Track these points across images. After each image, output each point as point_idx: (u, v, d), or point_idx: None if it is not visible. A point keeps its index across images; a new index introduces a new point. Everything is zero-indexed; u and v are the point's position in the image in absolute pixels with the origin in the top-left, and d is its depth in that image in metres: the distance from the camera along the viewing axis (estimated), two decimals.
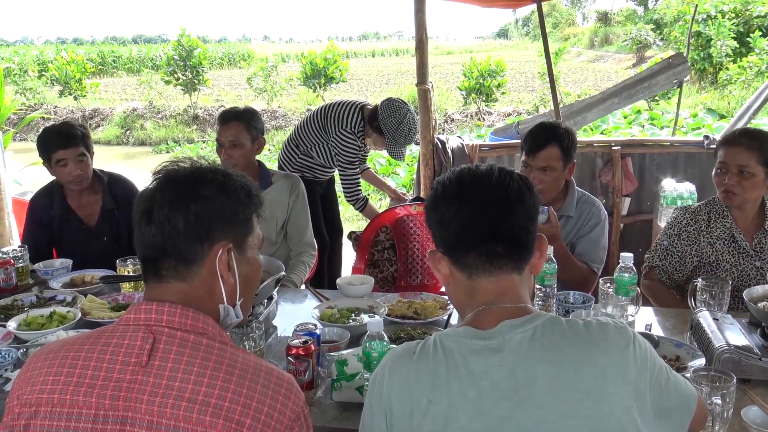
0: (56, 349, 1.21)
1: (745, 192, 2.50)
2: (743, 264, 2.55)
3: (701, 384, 1.60)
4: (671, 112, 11.00)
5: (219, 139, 3.05)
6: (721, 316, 2.08)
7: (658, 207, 4.39)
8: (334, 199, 4.51)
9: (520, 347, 1.21)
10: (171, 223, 1.23)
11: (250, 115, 3.07)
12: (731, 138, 2.57)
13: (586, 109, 5.31)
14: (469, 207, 1.29)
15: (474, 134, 10.56)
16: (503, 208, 1.29)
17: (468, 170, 1.35)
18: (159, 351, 1.16)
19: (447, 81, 18.30)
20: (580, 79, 20.59)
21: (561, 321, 1.24)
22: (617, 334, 1.23)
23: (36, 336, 2.22)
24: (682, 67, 5.20)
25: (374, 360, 1.68)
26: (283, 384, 1.17)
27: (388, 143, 3.92)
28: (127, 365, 1.15)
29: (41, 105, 18.28)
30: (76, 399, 1.14)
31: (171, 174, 1.29)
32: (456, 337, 1.25)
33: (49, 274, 2.87)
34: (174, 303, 1.22)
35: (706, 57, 14.81)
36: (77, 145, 2.97)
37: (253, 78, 17.49)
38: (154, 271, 1.26)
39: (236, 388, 1.13)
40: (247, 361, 1.18)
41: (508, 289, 1.29)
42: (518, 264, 1.30)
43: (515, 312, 1.26)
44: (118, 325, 1.22)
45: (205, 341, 1.19)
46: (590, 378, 1.16)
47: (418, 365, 1.24)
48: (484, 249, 1.28)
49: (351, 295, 2.54)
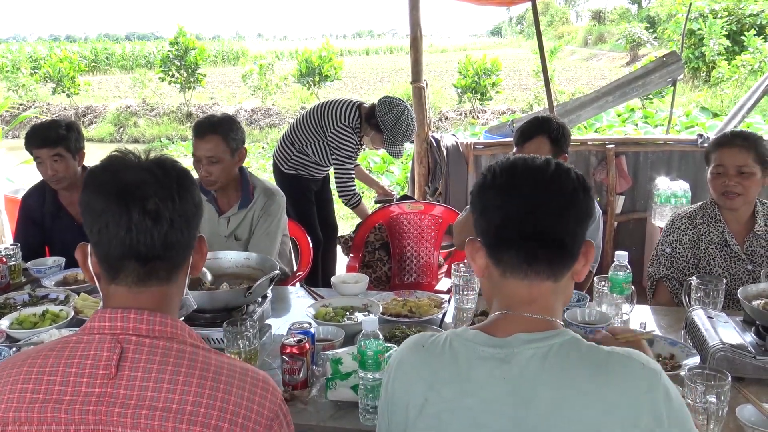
0: (20, 363, 1.13)
1: (747, 191, 2.50)
2: (735, 268, 2.56)
3: (696, 382, 1.60)
4: (665, 111, 11.02)
5: (196, 155, 2.80)
6: (716, 314, 2.09)
7: (652, 205, 4.40)
8: (329, 197, 4.48)
9: (528, 364, 1.14)
10: (183, 217, 1.17)
11: (228, 126, 2.81)
12: (725, 140, 2.56)
13: (581, 108, 5.32)
14: (515, 202, 1.20)
15: (468, 132, 10.56)
16: (552, 208, 1.19)
17: (523, 161, 1.25)
18: (127, 361, 1.10)
19: (441, 79, 18.29)
20: (574, 77, 20.61)
21: (581, 344, 1.16)
22: (641, 373, 1.11)
23: (29, 335, 2.20)
24: (676, 66, 5.21)
25: (369, 359, 1.67)
26: (258, 383, 1.14)
27: (386, 141, 3.88)
28: (95, 378, 1.09)
29: (34, 102, 18.19)
30: (44, 416, 1.08)
31: (158, 164, 1.19)
32: (466, 339, 1.21)
33: (42, 273, 2.85)
34: (140, 309, 1.15)
35: (700, 55, 14.84)
36: (52, 145, 2.94)
37: (248, 76, 17.46)
38: (144, 273, 1.17)
39: (211, 392, 1.09)
40: (221, 363, 1.15)
41: (538, 296, 1.21)
42: (557, 271, 1.21)
43: (535, 325, 1.19)
44: (82, 335, 1.15)
45: (176, 346, 1.14)
46: (595, 413, 1.09)
47: (422, 360, 1.22)
48: (523, 249, 1.20)
49: (345, 293, 2.54)
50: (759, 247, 2.56)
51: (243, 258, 2.51)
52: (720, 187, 2.52)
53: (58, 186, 3.05)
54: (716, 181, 2.53)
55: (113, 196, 1.14)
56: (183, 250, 1.20)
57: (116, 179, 1.16)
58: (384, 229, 3.73)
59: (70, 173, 3.02)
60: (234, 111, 15.89)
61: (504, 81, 15.90)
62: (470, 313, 2.39)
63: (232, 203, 2.92)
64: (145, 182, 1.15)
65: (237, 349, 1.96)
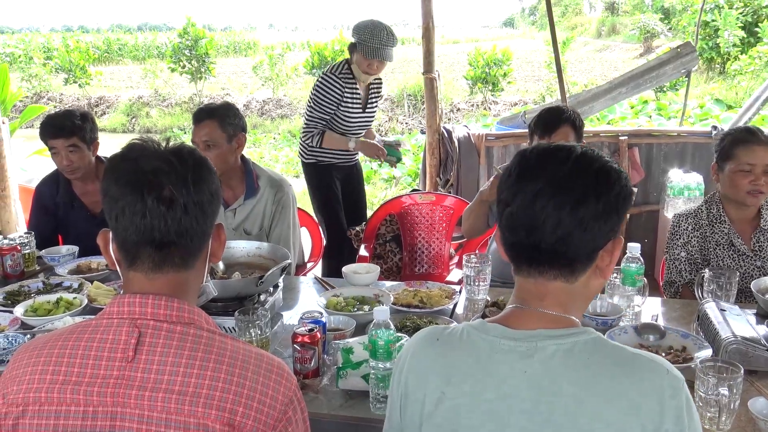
0: (40, 346, 1.17)
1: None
2: (744, 266, 2.54)
3: (708, 375, 1.60)
4: (678, 103, 10.93)
5: (193, 140, 2.81)
6: (728, 307, 2.07)
7: (664, 198, 4.37)
8: (358, 186, 4.32)
9: (552, 359, 1.12)
10: (198, 205, 1.19)
11: (224, 111, 2.81)
12: (752, 138, 2.49)
13: (593, 99, 5.29)
14: (520, 198, 1.15)
15: (480, 124, 10.51)
16: (557, 212, 1.12)
17: (540, 152, 1.19)
18: (145, 345, 1.13)
19: (453, 70, 18.20)
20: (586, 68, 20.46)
21: (606, 343, 1.14)
22: (666, 378, 1.09)
23: (43, 322, 2.22)
24: (690, 57, 5.16)
25: (380, 348, 1.68)
26: (273, 369, 1.16)
27: (361, 48, 3.78)
28: (113, 361, 1.12)
29: (47, 92, 18.30)
30: (63, 397, 1.11)
31: (175, 152, 1.21)
32: (485, 332, 1.18)
33: (56, 261, 2.88)
34: (158, 295, 1.17)
35: (714, 47, 14.70)
36: (67, 135, 2.95)
37: (259, 67, 17.47)
38: (158, 259, 1.19)
39: (227, 376, 1.11)
40: (237, 348, 1.17)
41: (547, 294, 1.17)
42: (566, 273, 1.16)
43: (554, 321, 1.16)
44: (101, 319, 1.18)
45: (193, 331, 1.16)
46: (617, 413, 1.07)
47: (439, 353, 1.21)
48: (525, 252, 1.18)
49: (356, 283, 2.54)
50: (766, 242, 2.54)
51: (255, 247, 2.52)
52: (747, 185, 2.46)
53: (72, 176, 3.07)
54: (743, 179, 2.47)
55: (130, 184, 1.16)
56: (198, 237, 1.21)
57: (134, 167, 1.18)
58: (395, 221, 3.73)
59: (84, 163, 3.03)
60: (245, 101, 15.92)
61: (516, 72, 15.82)
62: (481, 303, 2.39)
63: (237, 195, 2.91)
64: (161, 170, 1.17)
65: (249, 337, 1.97)
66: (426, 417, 1.19)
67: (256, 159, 9.88)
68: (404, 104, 14.07)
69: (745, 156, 2.47)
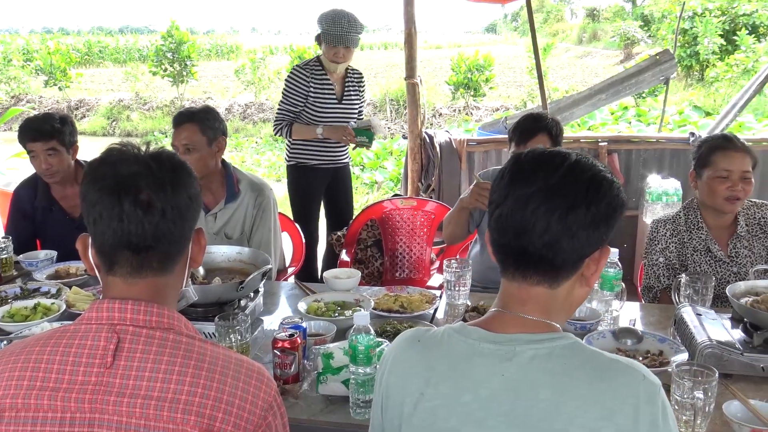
0: (17, 352, 1.16)
1: (746, 195, 2.51)
2: (721, 272, 2.58)
3: (684, 378, 1.62)
4: (658, 109, 11.05)
5: (173, 144, 2.81)
6: (704, 311, 2.10)
7: (643, 203, 4.42)
8: (344, 189, 4.24)
9: (530, 363, 1.12)
10: (175, 209, 1.19)
11: (204, 114, 2.81)
12: (729, 145, 2.53)
13: (574, 105, 5.34)
14: (511, 201, 1.15)
15: (462, 129, 10.56)
16: (546, 217, 1.12)
17: (535, 157, 1.19)
18: (124, 351, 1.12)
19: (436, 75, 18.27)
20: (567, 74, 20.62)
21: (584, 348, 1.14)
22: (642, 384, 1.09)
23: (20, 328, 2.20)
24: (669, 64, 5.23)
25: (360, 353, 1.68)
26: (253, 374, 1.16)
27: (324, 36, 3.80)
28: (91, 367, 1.11)
29: (26, 95, 18.10)
30: (40, 403, 1.10)
31: (153, 157, 1.21)
32: (465, 335, 1.19)
33: (34, 266, 2.85)
34: (138, 300, 1.17)
35: (693, 54, 14.89)
36: (46, 139, 2.93)
37: (241, 70, 17.41)
38: (136, 264, 1.19)
39: (206, 382, 1.11)
40: (216, 353, 1.17)
41: (529, 299, 1.17)
42: (550, 279, 1.17)
43: (533, 326, 1.16)
44: (80, 324, 1.17)
45: (172, 336, 1.16)
46: (592, 418, 1.07)
47: (419, 354, 1.21)
48: (512, 254, 1.18)
49: (337, 288, 2.54)
50: (742, 248, 2.58)
51: (235, 252, 2.52)
52: (724, 191, 2.49)
53: (51, 180, 3.04)
54: (720, 185, 2.50)
55: (107, 188, 1.17)
56: (177, 242, 1.22)
57: (112, 171, 1.19)
58: (377, 226, 3.73)
59: (63, 167, 3.01)
60: (228, 105, 15.86)
61: (498, 78, 15.92)
62: (462, 308, 2.40)
63: (218, 199, 2.90)
64: (139, 174, 1.18)
65: (229, 343, 1.96)
66: (405, 418, 1.19)
67: (238, 163, 9.86)
68: (387, 109, 14.10)
69: (723, 162, 2.50)
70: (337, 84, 3.96)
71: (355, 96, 4.07)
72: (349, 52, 3.83)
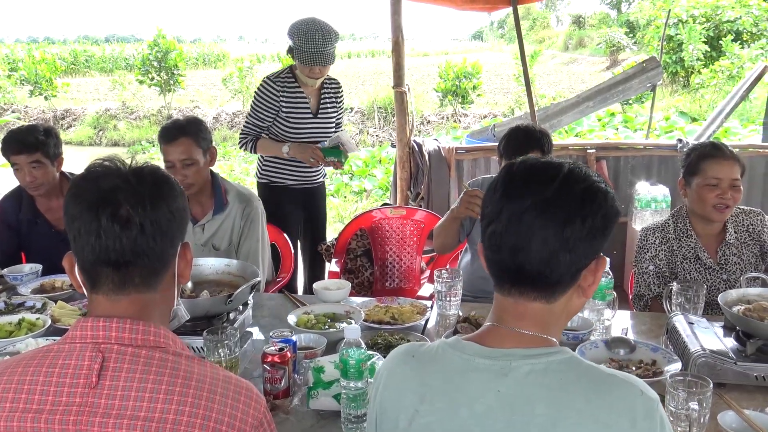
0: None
1: (735, 203, 2.51)
2: (710, 279, 2.57)
3: (678, 389, 1.61)
4: (645, 115, 11.11)
5: (169, 160, 2.73)
6: (696, 320, 2.10)
7: (632, 210, 4.42)
8: (318, 209, 3.93)
9: (526, 379, 1.10)
10: (155, 224, 1.16)
11: (196, 127, 2.78)
12: (718, 153, 2.52)
13: (562, 113, 5.35)
14: (505, 217, 1.12)
15: (450, 136, 10.58)
16: (542, 233, 1.10)
17: (527, 168, 1.16)
18: (109, 370, 1.10)
19: (423, 83, 18.32)
20: (554, 81, 20.74)
21: (581, 363, 1.12)
22: (640, 399, 1.07)
23: (4, 344, 2.16)
24: (655, 72, 5.26)
25: (351, 368, 1.66)
26: (241, 392, 1.15)
27: (297, 52, 3.49)
28: (75, 387, 1.09)
29: (11, 105, 17.97)
30: (23, 426, 1.08)
31: (135, 171, 1.20)
32: (459, 350, 1.16)
33: (18, 280, 2.80)
34: (123, 318, 1.15)
35: (678, 60, 15.00)
36: (30, 151, 2.89)
37: (229, 79, 17.37)
38: (118, 280, 1.17)
39: (193, 401, 1.09)
40: (204, 371, 1.15)
41: (526, 313, 1.15)
42: (547, 295, 1.15)
43: (530, 341, 1.14)
44: (63, 344, 1.15)
45: (159, 355, 1.14)
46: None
47: (414, 370, 1.19)
48: (508, 272, 1.15)
49: (327, 300, 2.51)
50: (731, 255, 2.58)
51: (224, 265, 2.49)
52: (714, 199, 2.48)
53: (36, 192, 3.00)
54: (710, 193, 2.49)
55: (85, 202, 1.16)
56: (158, 258, 1.19)
57: (92, 186, 1.18)
58: (366, 235, 3.71)
59: (48, 179, 2.97)
60: (215, 114, 15.81)
61: (485, 85, 15.97)
62: (453, 319, 2.38)
63: (206, 210, 2.87)
64: (118, 188, 1.16)
65: (217, 358, 1.93)
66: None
67: (226, 172, 9.82)
68: (375, 116, 14.10)
69: (712, 171, 2.50)
70: (312, 97, 3.64)
71: (332, 108, 3.73)
72: (325, 68, 3.55)
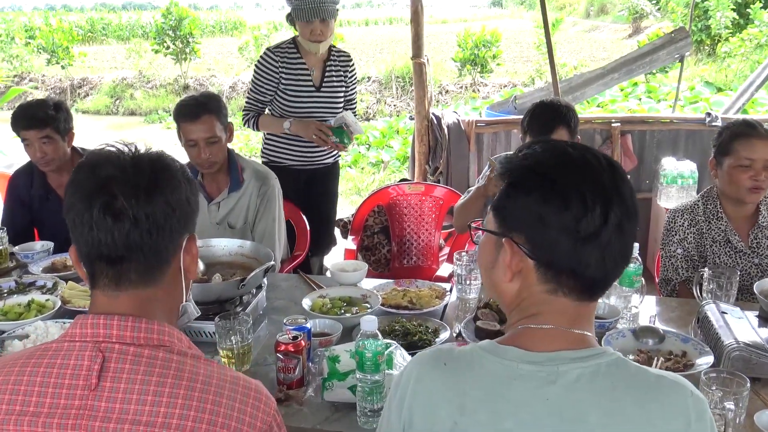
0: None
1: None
2: (741, 263, 2.46)
3: (712, 388, 1.52)
4: (668, 85, 10.85)
5: (191, 138, 2.64)
6: (729, 309, 2.00)
7: (657, 186, 4.30)
8: (325, 194, 3.64)
9: (576, 384, 1.02)
10: (150, 218, 1.09)
11: (217, 103, 2.72)
12: (752, 132, 2.39)
13: (585, 84, 5.20)
14: (606, 233, 1.02)
15: (469, 106, 10.39)
16: (631, 239, 1.07)
17: (612, 165, 1.09)
18: (110, 371, 1.04)
19: (441, 51, 18.00)
20: (576, 49, 20.33)
21: (629, 365, 1.06)
22: (690, 402, 1.03)
23: (14, 326, 2.11)
24: (684, 42, 5.07)
25: (368, 360, 1.58)
26: (250, 394, 1.08)
27: (296, 12, 3.24)
28: (74, 389, 1.03)
29: (28, 73, 17.95)
30: (20, 429, 1.02)
31: (130, 160, 1.12)
32: (498, 354, 1.07)
33: (30, 258, 2.76)
34: (124, 315, 1.09)
35: (704, 28, 14.59)
36: (40, 126, 2.82)
37: (245, 48, 17.19)
38: (113, 276, 1.11)
39: (198, 404, 1.03)
40: (210, 372, 1.08)
41: (581, 315, 1.09)
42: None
43: (574, 340, 1.07)
44: (62, 342, 1.09)
45: (162, 354, 1.07)
46: None
47: (447, 379, 1.09)
48: (591, 282, 1.07)
49: (344, 282, 2.44)
50: (764, 238, 2.46)
51: (237, 246, 2.42)
52: (747, 180, 2.36)
53: (47, 168, 2.95)
54: (742, 174, 2.37)
55: (80, 192, 1.10)
56: (154, 253, 1.12)
57: (89, 175, 1.11)
58: (383, 212, 3.63)
59: (59, 155, 2.91)
60: (232, 83, 15.68)
61: (505, 53, 15.65)
62: (473, 303, 2.31)
63: (221, 188, 2.81)
64: (114, 178, 1.09)
65: (230, 345, 1.88)
66: None
67: (243, 142, 9.74)
68: (392, 86, 13.91)
69: (745, 151, 2.37)
70: (315, 69, 3.39)
71: (339, 82, 3.47)
72: (327, 26, 3.24)
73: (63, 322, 2.12)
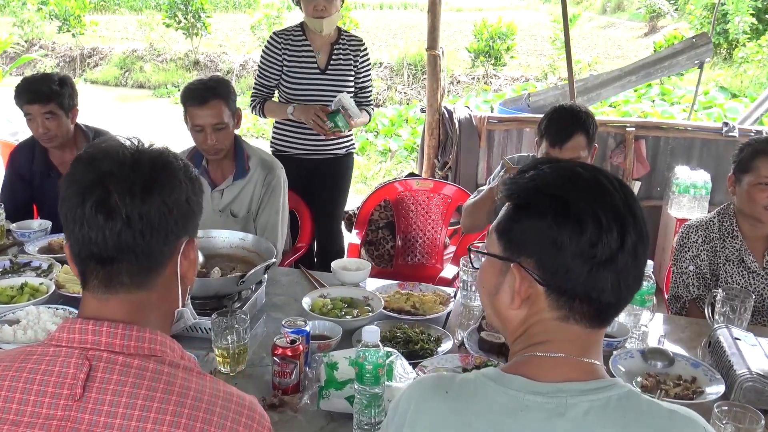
0: None
1: None
2: (755, 284, 2.39)
3: (723, 421, 1.46)
4: (683, 88, 10.73)
5: (198, 123, 2.57)
6: (743, 335, 1.93)
7: (669, 194, 4.22)
8: (333, 186, 3.53)
9: (585, 417, 0.97)
10: (144, 218, 1.03)
11: (226, 88, 2.64)
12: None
13: (602, 86, 5.11)
14: (623, 257, 0.99)
15: (481, 99, 10.28)
16: (644, 261, 1.03)
17: (625, 186, 1.05)
18: (96, 381, 0.98)
19: (455, 40, 17.81)
20: (590, 45, 20.10)
21: (641, 399, 1.01)
22: None
23: (5, 310, 2.06)
24: (705, 48, 4.97)
25: (368, 372, 1.53)
26: (243, 412, 1.02)
27: None
28: (58, 398, 0.97)
29: (39, 40, 17.83)
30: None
31: (130, 156, 1.07)
32: (504, 384, 1.02)
33: (26, 237, 2.70)
34: (115, 321, 1.03)
35: (722, 32, 14.41)
36: (44, 101, 2.76)
37: (257, 26, 17.04)
38: (104, 276, 1.05)
39: (188, 421, 0.97)
40: (202, 386, 1.02)
41: (591, 343, 1.04)
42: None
43: (583, 371, 1.02)
44: (47, 346, 1.03)
45: (152, 366, 1.01)
46: None
47: (450, 408, 1.03)
48: (605, 308, 1.03)
49: (346, 281, 2.38)
50: None
51: (238, 239, 2.36)
52: (766, 200, 2.28)
53: (49, 144, 2.89)
54: (761, 193, 2.29)
55: (74, 186, 1.04)
56: (147, 256, 1.06)
57: (86, 169, 1.05)
58: (390, 207, 3.56)
59: (62, 131, 2.85)
60: (242, 61, 15.56)
61: (518, 46, 15.50)
62: (477, 311, 2.25)
63: (226, 175, 2.74)
64: (110, 174, 1.04)
65: (225, 344, 1.82)
66: None
67: (252, 123, 9.64)
68: (404, 73, 13.78)
69: (766, 169, 2.30)
70: (321, 51, 3.30)
71: (347, 67, 3.35)
72: (330, 2, 3.17)
73: (56, 308, 2.06)
